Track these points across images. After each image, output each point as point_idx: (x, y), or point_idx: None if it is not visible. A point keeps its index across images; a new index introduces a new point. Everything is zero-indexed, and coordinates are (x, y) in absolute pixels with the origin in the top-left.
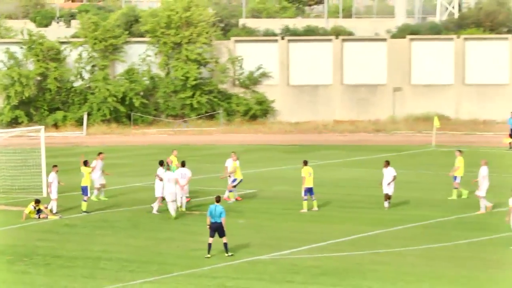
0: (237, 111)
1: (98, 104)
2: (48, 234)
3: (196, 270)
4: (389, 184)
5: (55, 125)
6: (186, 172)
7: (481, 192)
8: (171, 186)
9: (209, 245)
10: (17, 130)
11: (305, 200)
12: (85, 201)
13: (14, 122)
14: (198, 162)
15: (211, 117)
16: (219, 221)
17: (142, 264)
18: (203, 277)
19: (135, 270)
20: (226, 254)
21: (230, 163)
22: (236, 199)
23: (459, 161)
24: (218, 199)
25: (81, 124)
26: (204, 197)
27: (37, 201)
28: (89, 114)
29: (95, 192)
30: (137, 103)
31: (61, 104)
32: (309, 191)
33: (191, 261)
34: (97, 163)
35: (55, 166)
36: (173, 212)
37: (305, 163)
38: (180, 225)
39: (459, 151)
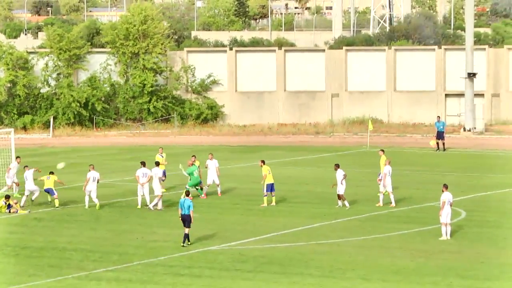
0: (190, 115)
1: (63, 109)
2: (17, 227)
3: (154, 259)
4: (342, 183)
5: (24, 128)
6: (147, 171)
7: (389, 187)
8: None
9: (185, 235)
10: None
11: (266, 196)
12: (56, 198)
13: None
14: (151, 161)
15: (166, 120)
16: (187, 213)
17: (104, 254)
18: (160, 266)
19: (97, 260)
20: (183, 244)
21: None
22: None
23: (382, 160)
24: (187, 193)
25: (48, 127)
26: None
27: (7, 197)
28: (55, 118)
29: (16, 188)
30: (98, 107)
31: (29, 109)
32: (271, 187)
33: (148, 251)
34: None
35: (26, 166)
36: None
37: (263, 162)
38: (139, 218)
39: (382, 150)
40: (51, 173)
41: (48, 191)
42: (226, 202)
